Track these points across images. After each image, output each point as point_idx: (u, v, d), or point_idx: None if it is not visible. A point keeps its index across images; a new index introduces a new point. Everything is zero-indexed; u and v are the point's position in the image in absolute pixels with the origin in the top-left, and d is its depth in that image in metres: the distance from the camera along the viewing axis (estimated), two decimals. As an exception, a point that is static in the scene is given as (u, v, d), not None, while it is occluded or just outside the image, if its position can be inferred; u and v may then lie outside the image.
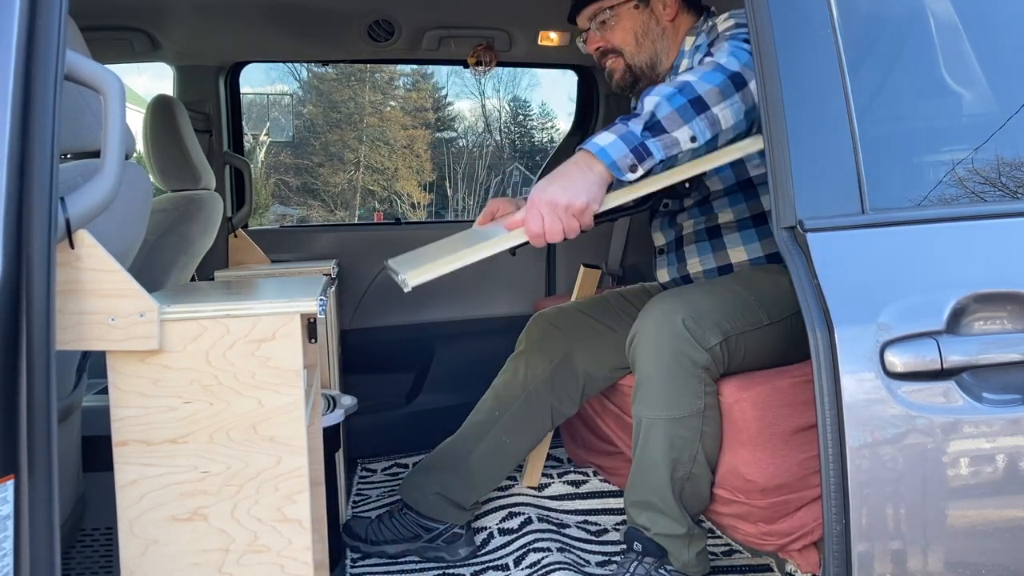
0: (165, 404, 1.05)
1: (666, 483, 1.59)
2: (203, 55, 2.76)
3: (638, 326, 1.63)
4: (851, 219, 1.27)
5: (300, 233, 3.24)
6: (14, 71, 0.93)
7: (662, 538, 1.62)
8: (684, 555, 1.62)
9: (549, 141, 25.22)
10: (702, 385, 1.55)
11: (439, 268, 1.16)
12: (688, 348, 1.54)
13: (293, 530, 1.08)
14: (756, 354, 1.62)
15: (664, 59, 1.85)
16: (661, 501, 1.60)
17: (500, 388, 2.01)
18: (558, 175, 1.39)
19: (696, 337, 1.55)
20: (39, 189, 0.93)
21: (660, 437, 1.58)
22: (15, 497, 0.90)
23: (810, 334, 1.20)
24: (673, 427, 1.56)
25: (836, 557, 1.21)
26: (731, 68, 1.47)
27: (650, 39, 1.83)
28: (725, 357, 1.58)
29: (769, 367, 1.63)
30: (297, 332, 1.07)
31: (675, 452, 1.57)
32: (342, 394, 2.05)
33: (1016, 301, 1.25)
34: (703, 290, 1.70)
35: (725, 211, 1.81)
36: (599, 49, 1.87)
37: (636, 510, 1.65)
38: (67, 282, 1.00)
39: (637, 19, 1.83)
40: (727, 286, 1.69)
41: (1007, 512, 1.24)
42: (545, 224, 1.36)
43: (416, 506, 1.95)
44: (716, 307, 1.60)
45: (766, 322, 1.63)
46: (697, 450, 1.57)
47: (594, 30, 1.86)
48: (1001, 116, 1.45)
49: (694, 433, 1.56)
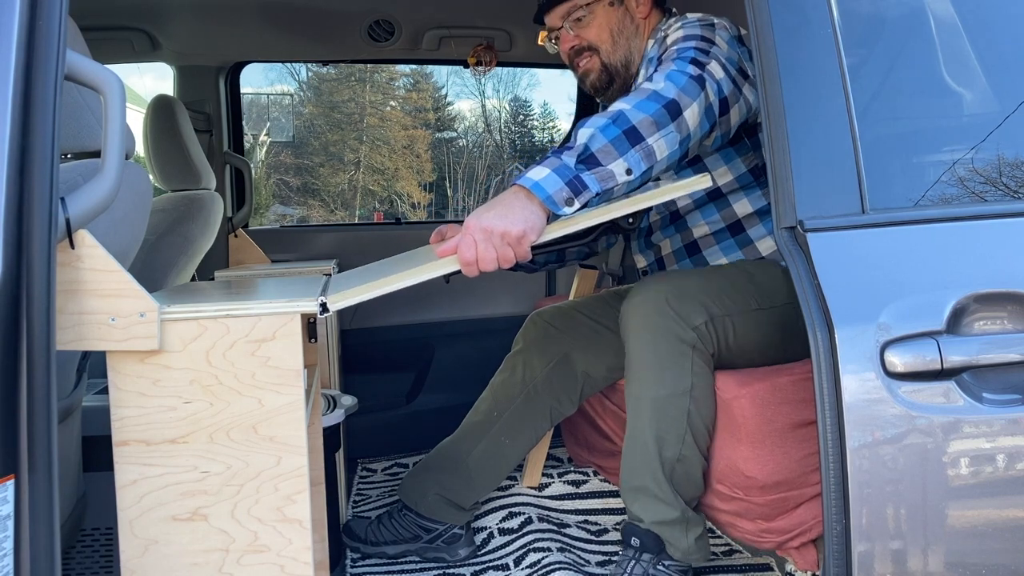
0: (165, 404, 1.05)
1: (656, 464, 1.58)
2: (203, 55, 2.77)
3: (626, 306, 1.64)
4: (851, 219, 1.27)
5: (300, 233, 3.24)
6: (14, 71, 0.93)
7: (658, 526, 1.60)
8: (683, 542, 1.60)
9: (549, 141, 25.23)
10: (688, 364, 1.55)
11: (362, 293, 1.14)
12: (673, 325, 1.55)
13: (293, 530, 1.08)
14: (747, 339, 1.61)
15: (637, 57, 1.83)
16: (653, 483, 1.59)
17: (498, 388, 2.01)
18: (496, 203, 1.34)
19: (680, 315, 1.55)
20: (39, 189, 0.93)
21: (647, 415, 1.58)
22: (15, 497, 0.90)
23: (810, 334, 1.20)
24: (659, 405, 1.56)
25: (836, 557, 1.21)
26: (667, 95, 1.43)
27: (625, 36, 1.82)
28: (713, 337, 1.58)
29: (768, 356, 1.62)
30: (297, 332, 1.07)
31: (662, 431, 1.57)
32: (342, 394, 2.05)
33: (1016, 301, 1.25)
34: (691, 272, 1.71)
35: (699, 225, 1.81)
36: (573, 48, 1.84)
37: (630, 497, 1.65)
38: (67, 282, 1.00)
39: (612, 16, 1.81)
40: (717, 270, 1.71)
41: (1007, 512, 1.25)
42: (478, 251, 1.29)
43: (415, 507, 1.95)
44: (701, 287, 1.61)
45: (755, 307, 1.62)
46: (685, 430, 1.56)
47: (567, 28, 1.83)
48: (1001, 116, 1.45)
49: (681, 412, 1.55)
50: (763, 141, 1.34)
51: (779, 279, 1.62)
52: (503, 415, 1.98)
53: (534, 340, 2.02)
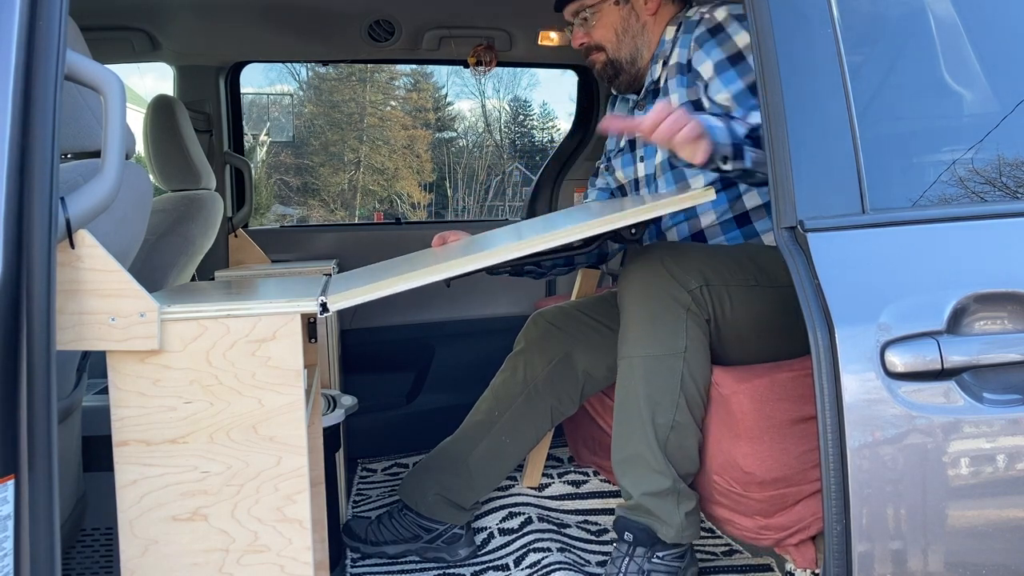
0: (165, 404, 1.05)
1: (649, 429, 1.57)
2: (203, 55, 2.77)
3: (623, 270, 1.65)
4: (851, 219, 1.27)
5: (300, 233, 3.24)
6: (14, 71, 0.93)
7: (649, 499, 1.59)
8: (674, 516, 1.58)
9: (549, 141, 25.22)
10: (683, 325, 1.55)
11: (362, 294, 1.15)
12: (669, 286, 1.56)
13: (293, 530, 1.08)
14: (744, 312, 1.61)
15: (645, 52, 1.88)
16: (646, 449, 1.58)
17: (499, 387, 2.01)
18: None
19: (676, 277, 1.56)
20: (39, 189, 0.93)
21: (639, 376, 1.58)
22: (15, 497, 0.90)
23: (810, 334, 1.20)
24: (651, 365, 1.56)
25: (836, 557, 1.21)
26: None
27: (630, 35, 1.86)
28: (708, 303, 1.58)
29: (765, 341, 1.62)
30: (297, 332, 1.07)
31: (655, 393, 1.56)
32: (342, 394, 2.05)
33: (1016, 301, 1.25)
34: (693, 244, 1.73)
35: (707, 213, 1.82)
36: (583, 45, 1.91)
37: (621, 470, 1.64)
38: (67, 282, 1.00)
39: (617, 16, 1.86)
40: (719, 246, 1.72)
41: (1007, 512, 1.24)
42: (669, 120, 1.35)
43: (416, 507, 1.95)
44: (700, 256, 1.63)
45: (753, 283, 1.62)
46: (678, 394, 1.56)
47: (577, 26, 1.91)
48: (1001, 116, 1.45)
49: (674, 374, 1.55)
50: (763, 141, 1.34)
51: (781, 263, 1.62)
52: (504, 415, 1.98)
53: (535, 340, 2.02)
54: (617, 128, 1.61)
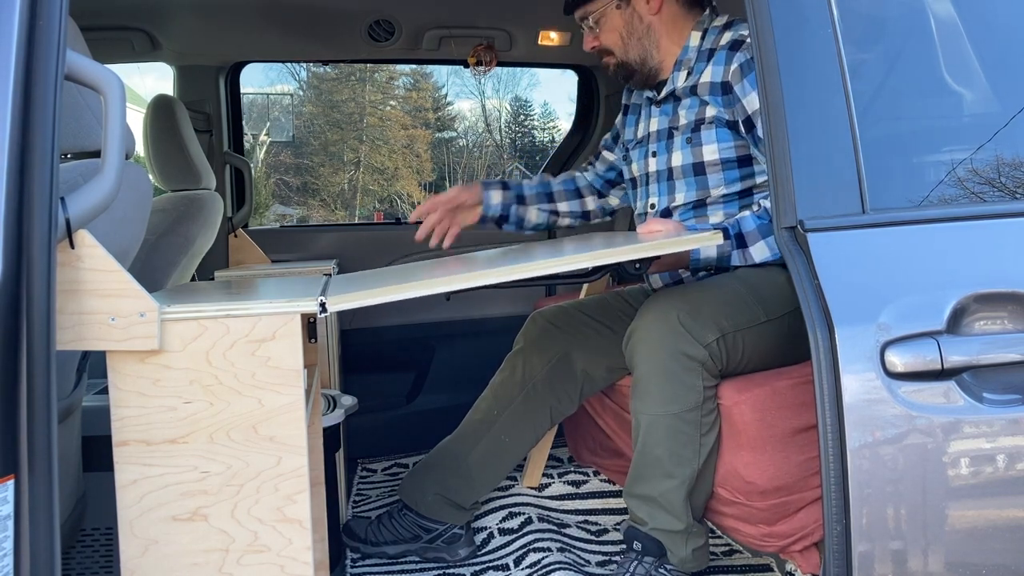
0: (165, 404, 1.05)
1: (672, 481, 1.59)
2: (203, 55, 2.77)
3: (635, 324, 1.64)
4: (851, 219, 1.27)
5: (300, 233, 3.24)
6: (14, 71, 0.93)
7: (660, 533, 1.62)
8: (681, 551, 1.61)
9: (549, 141, 25.22)
10: (700, 379, 1.56)
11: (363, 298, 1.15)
12: (685, 344, 1.55)
13: (293, 530, 1.08)
14: (755, 351, 1.62)
15: (655, 52, 1.86)
16: (663, 498, 1.60)
17: (498, 387, 2.01)
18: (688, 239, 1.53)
19: (693, 333, 1.55)
20: (39, 189, 0.93)
21: (661, 433, 1.58)
22: (15, 497, 0.90)
23: (810, 334, 1.20)
24: (673, 422, 1.57)
25: (836, 557, 1.21)
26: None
27: (636, 37, 1.86)
28: (723, 354, 1.58)
29: (769, 365, 1.63)
30: (297, 332, 1.07)
31: (679, 447, 1.57)
32: (342, 394, 2.05)
33: (1016, 301, 1.25)
34: (700, 287, 1.70)
35: (717, 214, 1.81)
36: (594, 48, 1.91)
37: (636, 502, 1.65)
38: (67, 282, 1.00)
39: (620, 19, 1.85)
40: (723, 284, 1.70)
41: (1007, 512, 1.24)
42: (659, 227, 1.55)
43: (415, 507, 1.95)
44: (713, 304, 1.61)
45: (763, 319, 1.63)
46: (699, 444, 1.57)
47: (587, 31, 1.91)
48: (1001, 116, 1.45)
49: (694, 427, 1.56)
50: (763, 141, 1.34)
51: (780, 286, 1.62)
52: (503, 414, 1.98)
53: (534, 339, 2.02)
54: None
